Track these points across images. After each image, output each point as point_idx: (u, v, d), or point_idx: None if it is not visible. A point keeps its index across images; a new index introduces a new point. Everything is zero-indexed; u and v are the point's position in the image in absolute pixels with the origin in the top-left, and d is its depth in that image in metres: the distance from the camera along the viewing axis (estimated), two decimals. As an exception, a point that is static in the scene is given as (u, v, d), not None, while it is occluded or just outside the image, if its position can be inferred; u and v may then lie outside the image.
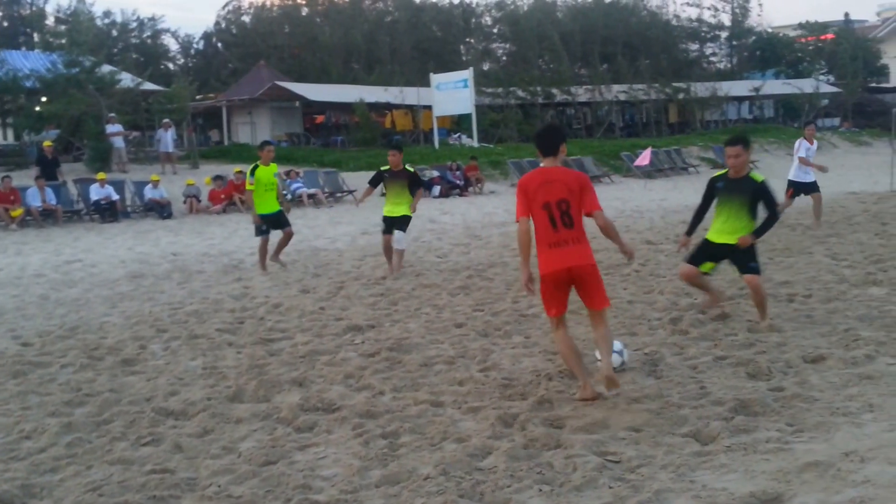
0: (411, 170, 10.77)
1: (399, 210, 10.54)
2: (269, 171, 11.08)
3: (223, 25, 47.65)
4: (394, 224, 10.47)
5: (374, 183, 10.84)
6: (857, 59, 47.08)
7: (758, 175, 6.99)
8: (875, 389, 5.16)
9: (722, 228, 7.03)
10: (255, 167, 11.01)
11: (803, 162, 13.86)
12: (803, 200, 14.10)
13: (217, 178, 21.37)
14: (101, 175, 20.03)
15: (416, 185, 10.76)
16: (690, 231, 7.29)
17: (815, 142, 13.88)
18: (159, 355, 6.96)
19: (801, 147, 13.72)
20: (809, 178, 13.85)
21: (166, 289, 10.22)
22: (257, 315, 8.35)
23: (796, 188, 13.77)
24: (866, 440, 4.26)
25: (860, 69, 47.18)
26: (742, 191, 6.90)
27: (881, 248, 10.87)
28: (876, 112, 43.99)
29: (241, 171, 21.57)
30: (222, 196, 20.61)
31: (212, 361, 6.63)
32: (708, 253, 7.16)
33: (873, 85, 51.64)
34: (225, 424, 5.13)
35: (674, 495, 3.81)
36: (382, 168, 10.74)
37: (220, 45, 47.16)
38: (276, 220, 11.16)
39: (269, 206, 11.07)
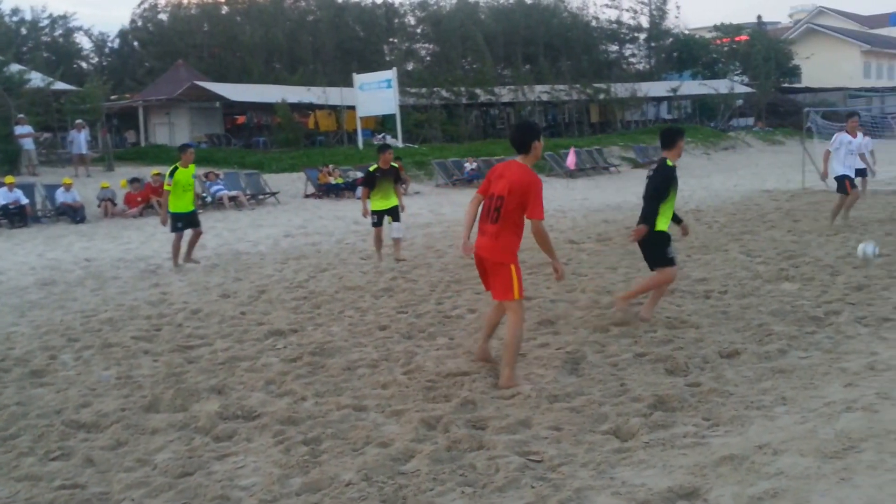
0: (396, 165, 11.68)
1: (390, 202, 11.35)
2: (187, 173, 11.57)
3: (139, 23, 46.26)
4: (387, 216, 11.36)
5: (369, 185, 11.41)
6: (769, 60, 48.84)
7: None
8: (787, 383, 5.32)
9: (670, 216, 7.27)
10: (175, 169, 11.47)
11: (863, 160, 14.49)
12: (720, 198, 14.48)
13: (133, 180, 20.71)
14: (9, 178, 19.07)
15: (398, 180, 11.68)
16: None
17: (858, 134, 13.76)
18: (70, 366, 6.66)
19: (840, 140, 13.37)
20: (859, 165, 14.14)
21: (79, 296, 9.82)
22: (175, 321, 8.10)
23: (851, 179, 13.13)
24: (779, 433, 4.38)
25: (773, 70, 48.96)
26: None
27: (793, 245, 11.27)
28: (788, 112, 45.71)
29: (159, 174, 20.98)
30: (139, 199, 19.98)
31: (126, 371, 6.39)
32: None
33: (786, 85, 53.71)
34: (140, 436, 4.94)
35: (594, 493, 3.84)
36: (372, 168, 11.42)
37: (136, 43, 45.75)
38: (190, 220, 11.69)
39: (185, 205, 11.60)
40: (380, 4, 47.67)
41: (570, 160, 28.79)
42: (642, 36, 52.49)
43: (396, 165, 11.70)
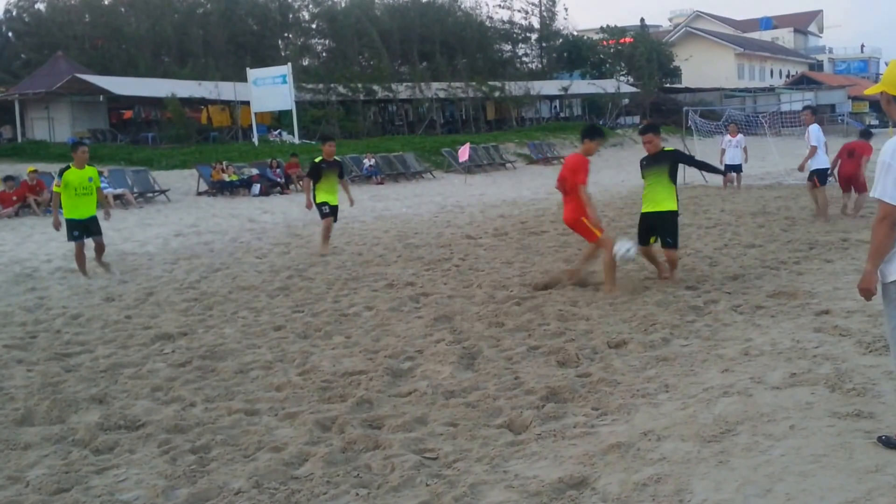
0: (339, 159, 11.92)
1: (335, 197, 11.66)
2: (82, 175, 10.50)
3: (14, 13, 43.78)
4: (337, 210, 11.74)
5: (314, 176, 11.54)
6: (652, 61, 50.83)
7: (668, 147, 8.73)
8: (670, 370, 5.52)
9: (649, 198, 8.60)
10: (66, 168, 10.57)
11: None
12: (609, 193, 14.86)
13: (8, 178, 19.56)
14: None
15: (342, 174, 11.94)
16: None
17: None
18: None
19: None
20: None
21: (-53, 303, 9.16)
22: (53, 328, 7.68)
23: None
24: (662, 419, 4.54)
25: (656, 71, 50.97)
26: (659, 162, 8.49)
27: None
28: (670, 110, 47.63)
29: (35, 171, 19.96)
30: (14, 198, 18.87)
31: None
32: (646, 226, 8.58)
33: (668, 85, 55.99)
34: (11, 451, 4.63)
35: (488, 487, 3.88)
36: (317, 160, 11.58)
37: (10, 34, 43.30)
38: (87, 227, 10.57)
39: (82, 211, 10.49)
40: (273, -1, 46.79)
41: (463, 154, 28.99)
42: (534, 36, 53.65)
43: (339, 159, 11.93)
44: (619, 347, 6.18)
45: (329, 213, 11.58)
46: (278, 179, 23.79)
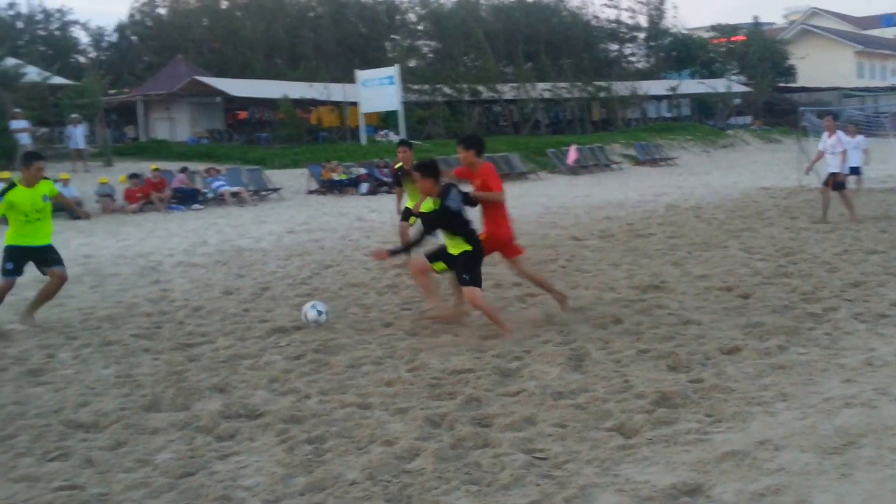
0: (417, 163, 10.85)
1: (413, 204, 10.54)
2: (33, 194, 7.90)
3: (137, 17, 46.17)
4: (411, 215, 10.36)
5: (398, 183, 10.93)
6: (765, 59, 48.98)
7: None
8: (787, 379, 5.34)
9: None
10: (10, 188, 7.93)
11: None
12: (719, 195, 14.48)
13: (133, 176, 20.70)
14: (4, 174, 19.04)
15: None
16: None
17: (841, 134, 14.03)
18: (68, 364, 6.60)
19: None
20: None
21: (77, 293, 9.67)
22: (176, 319, 8.09)
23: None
24: (780, 429, 4.40)
25: (769, 70, 49.07)
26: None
27: (791, 242, 11.31)
28: (784, 111, 45.85)
29: (157, 169, 21.06)
30: (139, 195, 19.97)
31: (126, 369, 6.34)
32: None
33: (782, 85, 53.75)
34: (140, 435, 4.90)
35: (599, 490, 3.86)
36: (396, 166, 10.98)
37: (134, 38, 45.68)
38: (40, 257, 8.06)
39: (32, 238, 7.93)
40: (381, 1, 47.62)
41: (571, 157, 28.83)
42: (641, 35, 52.53)
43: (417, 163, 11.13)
44: (732, 354, 6.02)
45: (403, 218, 10.75)
46: (385, 179, 24.21)
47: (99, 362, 6.61)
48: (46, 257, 8.09)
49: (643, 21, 51.69)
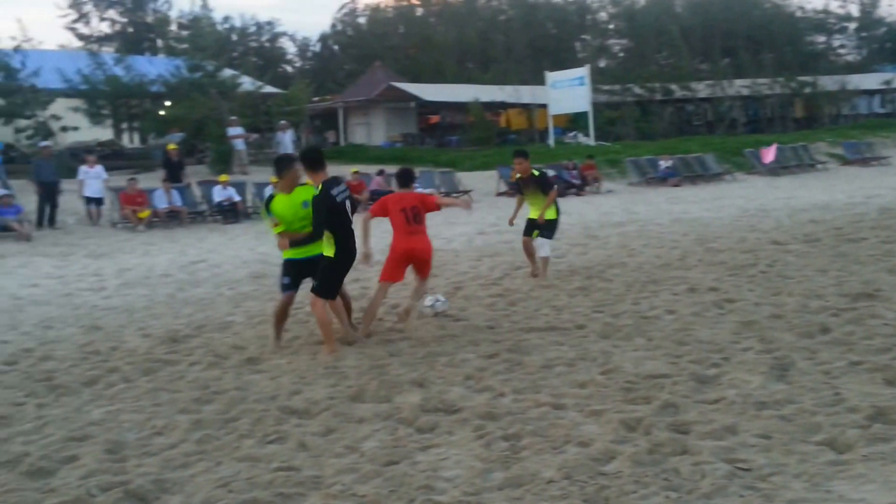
0: (536, 174, 10.39)
1: (537, 214, 10.26)
2: (293, 201, 7.31)
3: (339, 27, 48.77)
4: (534, 228, 10.28)
5: (519, 191, 10.76)
6: None
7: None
8: None
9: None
10: (271, 199, 7.39)
11: None
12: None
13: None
14: (223, 177, 20.55)
15: (546, 188, 10.28)
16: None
17: None
18: (281, 354, 7.13)
19: None
20: None
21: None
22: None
23: None
24: None
25: None
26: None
27: None
28: None
29: (357, 172, 22.17)
30: (344, 197, 21.09)
31: (333, 361, 6.76)
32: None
33: None
34: (347, 424, 5.21)
35: (809, 507, 3.67)
36: (515, 177, 10.72)
37: (336, 47, 48.32)
38: (313, 270, 7.35)
39: (304, 249, 7.35)
40: (572, 2, 47.41)
41: (769, 155, 27.13)
42: (852, 26, 48.67)
43: (537, 174, 10.34)
44: (963, 371, 5.48)
45: (525, 232, 10.46)
46: (574, 181, 24.07)
47: (308, 354, 7.08)
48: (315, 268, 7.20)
49: (854, 10, 47.97)
